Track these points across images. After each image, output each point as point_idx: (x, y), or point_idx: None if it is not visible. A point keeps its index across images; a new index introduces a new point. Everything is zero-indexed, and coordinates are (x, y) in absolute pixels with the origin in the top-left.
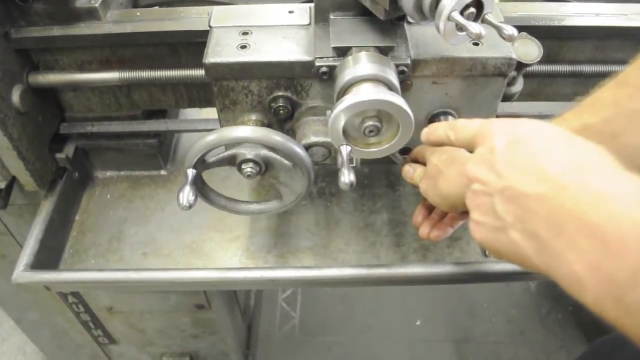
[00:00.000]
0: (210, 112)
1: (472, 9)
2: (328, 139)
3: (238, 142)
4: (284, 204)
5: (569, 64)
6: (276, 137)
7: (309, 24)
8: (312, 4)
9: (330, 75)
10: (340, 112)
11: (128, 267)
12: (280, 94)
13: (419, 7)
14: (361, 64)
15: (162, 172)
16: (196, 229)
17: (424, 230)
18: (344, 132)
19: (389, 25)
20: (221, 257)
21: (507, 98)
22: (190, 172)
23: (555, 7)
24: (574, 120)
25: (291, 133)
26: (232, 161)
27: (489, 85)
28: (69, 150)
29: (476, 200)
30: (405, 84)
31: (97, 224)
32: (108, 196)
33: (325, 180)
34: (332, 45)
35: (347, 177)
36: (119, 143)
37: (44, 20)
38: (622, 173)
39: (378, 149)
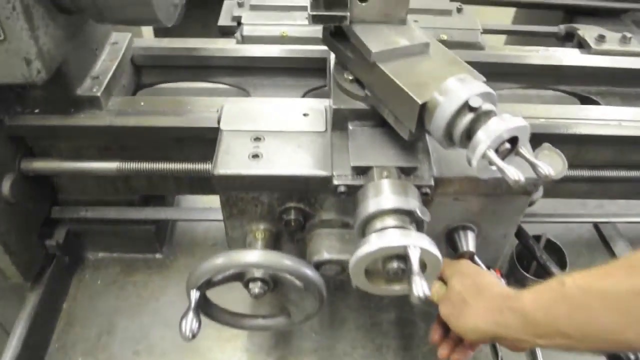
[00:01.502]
0: (213, 199)
1: (507, 145)
2: (342, 257)
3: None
4: (291, 322)
5: (588, 169)
6: (288, 262)
7: (325, 131)
8: (327, 105)
9: (348, 194)
10: (364, 256)
11: None
12: (292, 205)
13: (448, 136)
14: (384, 195)
15: (158, 256)
16: None
17: (443, 352)
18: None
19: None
20: (218, 359)
21: None
22: (194, 295)
23: (576, 111)
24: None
25: (301, 243)
26: (239, 278)
27: (512, 203)
28: (60, 235)
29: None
30: (426, 199)
31: (86, 314)
32: (99, 281)
33: None
34: (352, 165)
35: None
36: (114, 228)
37: (42, 107)
38: None
39: (400, 287)
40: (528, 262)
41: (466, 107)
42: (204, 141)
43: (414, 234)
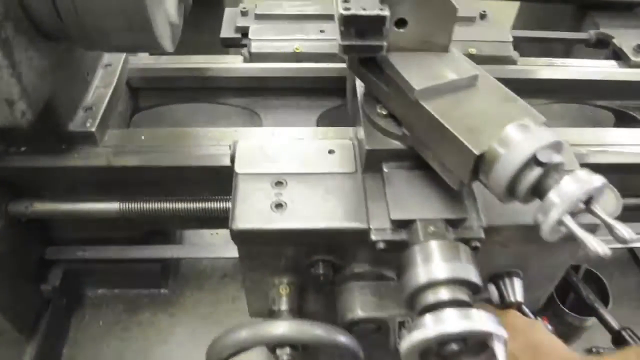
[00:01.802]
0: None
1: (582, 205)
2: (379, 314)
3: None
4: None
5: (634, 197)
6: (321, 332)
7: (355, 172)
8: (355, 141)
9: (388, 250)
10: (419, 342)
11: None
12: (320, 257)
13: (509, 191)
14: (435, 263)
15: (163, 291)
16: None
17: None
18: None
19: None
20: None
21: None
22: None
23: (623, 135)
24: None
25: (330, 295)
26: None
27: (564, 249)
28: (56, 277)
29: None
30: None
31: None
32: (100, 322)
33: None
34: (393, 218)
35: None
36: (115, 266)
37: (30, 145)
38: None
39: None
40: (563, 292)
41: (532, 161)
42: (212, 179)
43: (475, 315)
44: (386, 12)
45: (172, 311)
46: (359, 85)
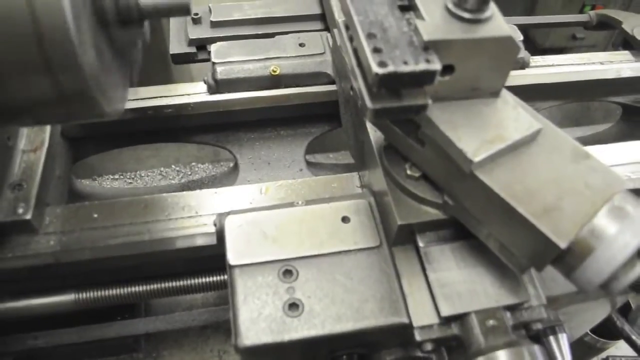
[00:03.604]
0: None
1: None
2: None
3: None
4: None
5: None
6: None
7: (380, 245)
8: (369, 199)
9: (436, 350)
10: None
11: None
12: (345, 352)
13: (604, 287)
14: None
15: (137, 356)
16: None
17: None
18: None
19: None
20: None
21: None
22: None
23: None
24: None
25: None
26: None
27: (610, 300)
28: None
29: None
30: None
31: None
32: None
33: None
34: (444, 315)
35: None
36: (76, 347)
37: None
38: None
39: None
40: None
41: (636, 256)
42: (195, 257)
43: None
44: (437, 66)
45: None
46: (372, 128)
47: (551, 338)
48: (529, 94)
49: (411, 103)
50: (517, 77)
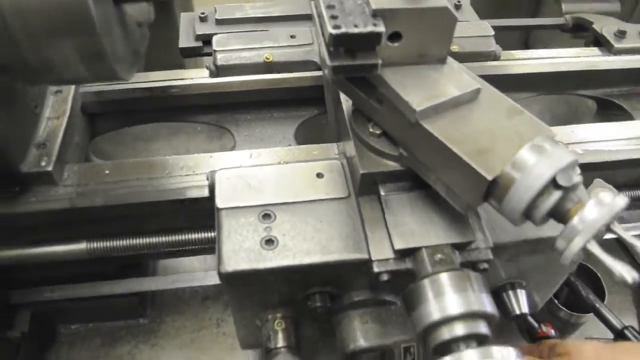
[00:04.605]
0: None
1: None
2: (382, 341)
3: None
4: None
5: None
6: None
7: (348, 196)
8: (343, 160)
9: (391, 280)
10: None
11: None
12: (316, 290)
13: (525, 216)
14: (447, 297)
15: (142, 321)
16: None
17: None
18: None
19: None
20: None
21: None
22: None
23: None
24: None
25: (326, 324)
26: None
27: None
28: (23, 322)
29: None
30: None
31: None
32: None
33: None
34: (397, 248)
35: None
36: (88, 304)
37: None
38: None
39: None
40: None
41: (551, 185)
42: (191, 210)
43: (496, 353)
44: (381, 28)
45: (154, 341)
46: (344, 99)
47: (510, 292)
48: (500, 84)
49: (364, 62)
50: (488, 67)
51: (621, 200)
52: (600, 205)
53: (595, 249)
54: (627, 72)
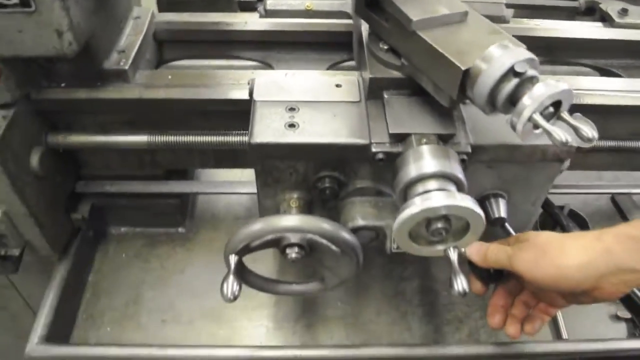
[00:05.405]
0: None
1: (551, 108)
2: (377, 223)
3: None
4: (325, 287)
5: (612, 139)
6: (327, 226)
7: (360, 101)
8: (360, 78)
9: (386, 161)
10: (409, 217)
11: (146, 336)
12: (327, 174)
13: (491, 102)
14: (425, 160)
15: (180, 230)
16: (218, 294)
17: (513, 330)
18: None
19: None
20: (245, 327)
21: None
22: (233, 259)
23: (600, 83)
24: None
25: (334, 211)
26: (276, 244)
27: (545, 170)
28: (85, 209)
29: None
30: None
31: (111, 286)
32: (123, 255)
33: None
34: (391, 132)
35: (460, 284)
36: (136, 202)
37: (68, 81)
38: None
39: (443, 247)
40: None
41: (511, 73)
42: (231, 114)
43: (458, 195)
44: None
45: (189, 246)
46: (365, 30)
47: (492, 200)
48: None
49: None
50: None
51: (564, 85)
52: (546, 85)
53: (539, 118)
54: (626, 43)
